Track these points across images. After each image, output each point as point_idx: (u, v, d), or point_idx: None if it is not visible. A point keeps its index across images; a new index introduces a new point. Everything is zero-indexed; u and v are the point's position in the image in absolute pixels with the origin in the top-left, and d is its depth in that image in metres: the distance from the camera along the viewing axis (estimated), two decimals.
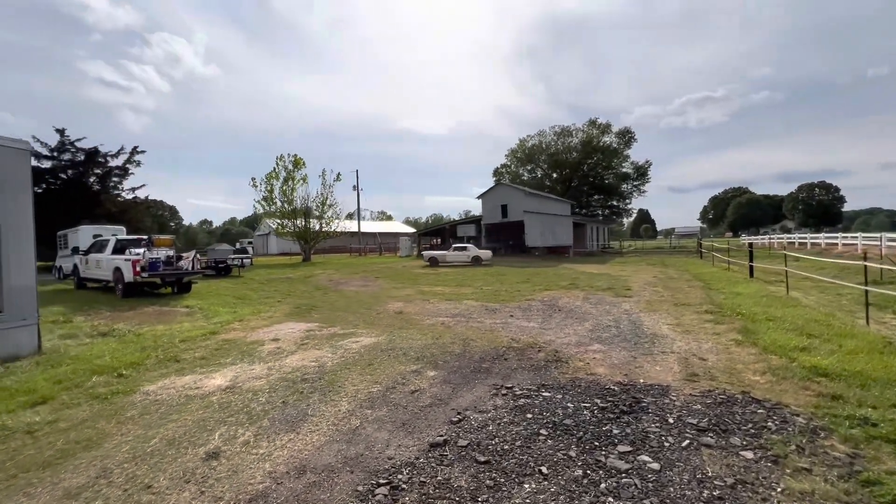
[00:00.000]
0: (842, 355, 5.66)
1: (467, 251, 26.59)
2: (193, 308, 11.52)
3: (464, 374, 5.61)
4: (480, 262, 25.96)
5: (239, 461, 3.44)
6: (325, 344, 7.36)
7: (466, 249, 26.71)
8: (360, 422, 4.15)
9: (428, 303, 11.94)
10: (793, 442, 3.47)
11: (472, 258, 26.11)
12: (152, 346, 7.21)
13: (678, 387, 4.86)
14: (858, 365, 5.21)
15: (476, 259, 26.05)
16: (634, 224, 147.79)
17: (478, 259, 26.09)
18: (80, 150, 27.82)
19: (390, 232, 61.73)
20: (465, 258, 26.16)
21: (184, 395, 4.99)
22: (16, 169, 6.31)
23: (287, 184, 34.19)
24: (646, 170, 57.50)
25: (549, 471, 3.14)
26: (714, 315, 8.91)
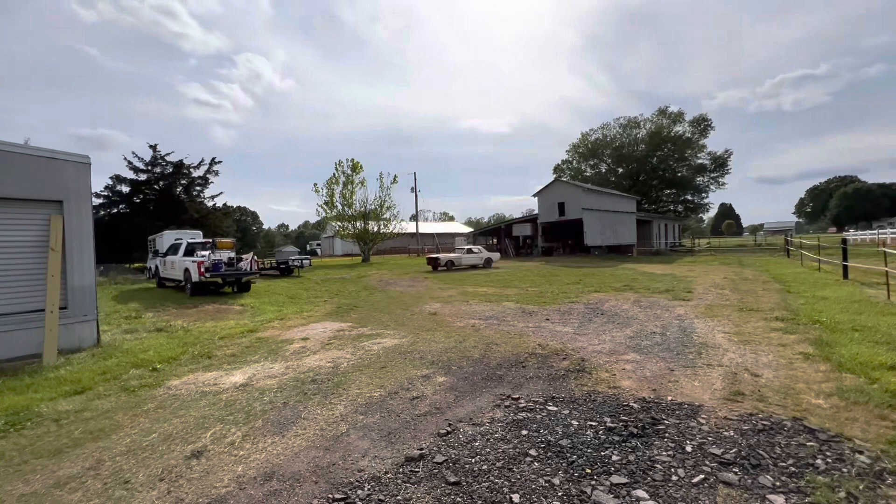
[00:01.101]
0: None
1: (478, 254, 25.83)
2: (246, 306, 12.27)
3: (474, 381, 5.30)
4: (491, 265, 25.54)
5: (217, 462, 3.46)
6: (349, 345, 7.40)
7: (473, 252, 25.92)
8: (348, 428, 4.02)
9: (466, 304, 11.68)
10: (844, 487, 2.77)
11: (485, 261, 25.40)
12: (193, 342, 7.71)
13: (713, 407, 4.16)
14: None
15: (488, 261, 25.44)
16: (715, 220, 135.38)
17: (489, 261, 25.52)
18: (169, 163, 31.22)
19: (448, 232, 62.12)
20: (478, 260, 25.38)
21: (200, 392, 5.21)
22: (78, 181, 7.05)
23: (346, 188, 35.63)
24: (725, 160, 52.17)
25: (521, 500, 2.77)
26: (786, 323, 7.70)
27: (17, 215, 6.67)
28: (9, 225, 6.62)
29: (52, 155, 6.86)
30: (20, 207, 6.71)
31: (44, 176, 6.77)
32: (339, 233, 37.38)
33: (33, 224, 6.82)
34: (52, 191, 6.88)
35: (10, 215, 6.64)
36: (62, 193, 6.98)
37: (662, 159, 53.58)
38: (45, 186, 6.83)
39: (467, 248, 26.05)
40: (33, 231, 6.83)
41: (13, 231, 6.67)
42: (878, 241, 31.16)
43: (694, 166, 53.24)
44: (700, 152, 52.76)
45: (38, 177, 6.73)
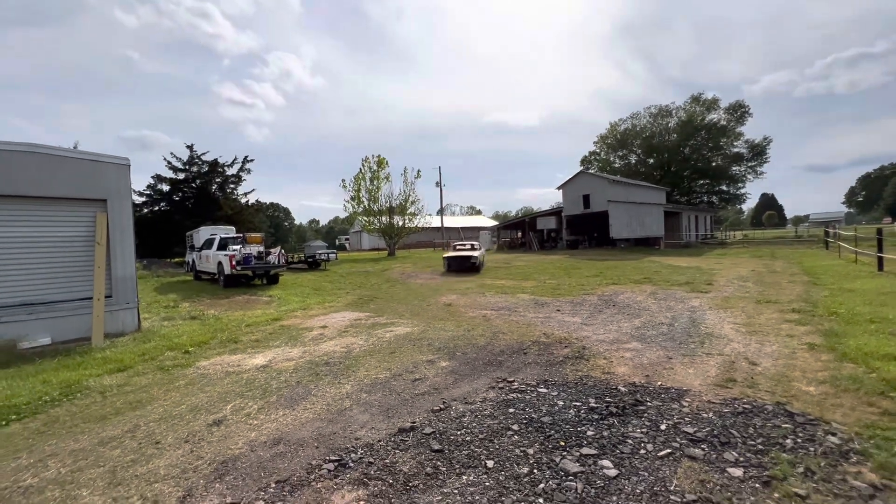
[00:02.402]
0: None
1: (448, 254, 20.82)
2: (274, 297, 12.98)
3: (475, 366, 5.59)
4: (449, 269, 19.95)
5: (234, 429, 3.91)
6: (364, 332, 7.83)
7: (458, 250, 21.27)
8: (351, 404, 4.41)
9: (482, 296, 11.93)
10: (805, 464, 2.90)
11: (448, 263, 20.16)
12: (222, 329, 8.35)
13: (700, 392, 4.29)
14: None
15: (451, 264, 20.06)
16: (755, 211, 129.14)
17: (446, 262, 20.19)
18: (205, 163, 32.82)
19: (474, 226, 62.21)
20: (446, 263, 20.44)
21: (225, 371, 5.74)
22: (119, 181, 7.76)
23: (372, 183, 36.33)
24: (763, 148, 49.65)
25: (495, 465, 3.06)
26: (801, 314, 7.57)
27: (68, 213, 7.43)
28: (61, 222, 7.39)
29: (96, 158, 7.58)
30: (70, 206, 7.47)
31: (90, 177, 7.50)
32: (365, 227, 38.23)
33: (81, 221, 7.57)
34: (97, 190, 7.62)
35: (62, 213, 7.40)
36: (106, 193, 7.70)
37: (695, 149, 51.64)
38: (91, 186, 7.56)
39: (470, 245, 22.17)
40: (81, 227, 7.58)
41: (64, 227, 7.44)
42: None
43: (729, 155, 51.02)
44: (736, 140, 50.48)
45: (84, 178, 7.47)
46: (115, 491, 2.95)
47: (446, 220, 59.32)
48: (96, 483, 3.06)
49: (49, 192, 7.19)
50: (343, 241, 78.11)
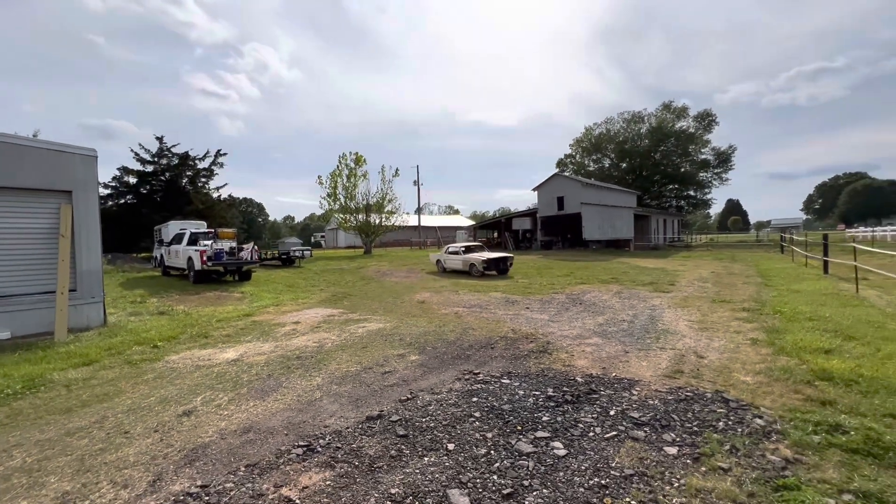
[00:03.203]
0: (871, 360, 4.98)
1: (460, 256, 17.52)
2: (246, 294, 12.85)
3: (444, 359, 5.80)
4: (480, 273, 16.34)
5: (204, 419, 3.99)
6: (336, 328, 7.93)
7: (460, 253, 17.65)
8: (322, 395, 4.54)
9: (455, 294, 12.16)
10: (731, 442, 3.23)
11: (469, 266, 16.82)
12: (192, 324, 8.28)
13: (649, 381, 4.63)
14: (882, 370, 4.58)
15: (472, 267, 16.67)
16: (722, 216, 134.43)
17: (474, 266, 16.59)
18: (175, 155, 31.81)
19: (451, 226, 62.51)
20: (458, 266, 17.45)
21: (195, 365, 5.76)
22: (85, 172, 7.60)
23: (349, 180, 36.10)
24: (728, 155, 51.92)
25: (455, 448, 3.27)
26: (750, 313, 8.11)
27: (31, 204, 7.24)
28: (23, 213, 7.19)
29: (61, 148, 7.40)
30: (33, 197, 7.27)
31: (54, 168, 7.32)
32: (341, 225, 37.94)
33: (45, 213, 7.38)
34: (61, 182, 7.44)
35: (24, 204, 7.20)
36: (71, 184, 7.53)
37: (665, 154, 53.46)
38: (56, 177, 7.38)
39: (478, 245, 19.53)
40: (45, 219, 7.39)
41: (27, 219, 7.24)
42: (868, 239, 31.23)
43: (697, 162, 53.08)
44: (703, 147, 52.57)
45: (49, 169, 7.28)
46: (84, 477, 3.02)
47: (424, 219, 59.40)
48: (64, 470, 3.12)
49: (10, 183, 6.99)
50: (319, 238, 77.09)
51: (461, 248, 18.17)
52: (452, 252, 18.13)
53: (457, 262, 17.65)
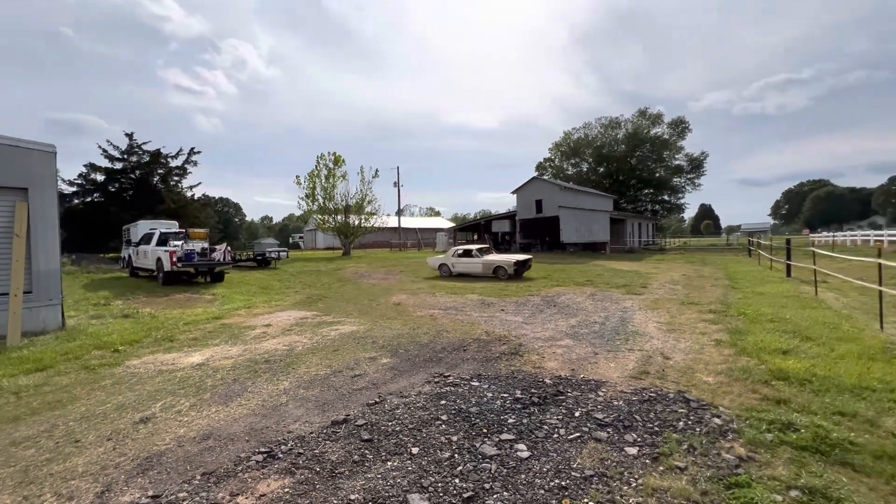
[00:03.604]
0: (824, 360, 5.20)
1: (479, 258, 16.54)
2: (217, 296, 12.52)
3: (415, 362, 5.77)
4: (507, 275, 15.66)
5: (162, 426, 3.85)
6: (308, 331, 7.80)
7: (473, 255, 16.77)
8: (288, 400, 4.45)
9: (432, 296, 12.14)
10: (689, 442, 3.31)
11: (494, 269, 15.97)
12: (158, 328, 8.01)
13: (615, 383, 4.71)
14: (835, 370, 4.78)
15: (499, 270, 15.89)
16: (695, 220, 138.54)
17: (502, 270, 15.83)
18: (146, 152, 30.82)
19: (431, 228, 62.47)
20: (476, 269, 16.46)
21: (157, 370, 5.57)
22: (43, 169, 7.27)
23: (328, 181, 35.67)
24: (701, 162, 53.56)
25: (419, 451, 3.25)
26: (716, 315, 8.36)
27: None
28: None
29: (16, 143, 7.06)
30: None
31: (8, 164, 6.97)
32: (320, 226, 37.44)
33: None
34: (16, 178, 7.09)
35: None
36: (27, 181, 7.19)
37: (641, 160, 54.73)
38: (10, 174, 7.03)
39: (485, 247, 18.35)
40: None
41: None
42: (829, 243, 32.71)
43: (671, 167, 54.52)
44: (677, 154, 54.04)
45: (2, 164, 6.93)
46: (27, 489, 2.87)
47: (404, 220, 59.18)
48: (5, 483, 2.96)
49: None
50: (297, 239, 75.93)
51: (473, 250, 17.15)
52: (464, 255, 16.98)
53: (474, 266, 16.49)
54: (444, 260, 17.45)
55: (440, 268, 17.42)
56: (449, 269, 17.08)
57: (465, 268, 16.81)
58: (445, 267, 17.22)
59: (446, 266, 17.20)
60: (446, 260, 17.34)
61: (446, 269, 17.15)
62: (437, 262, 17.69)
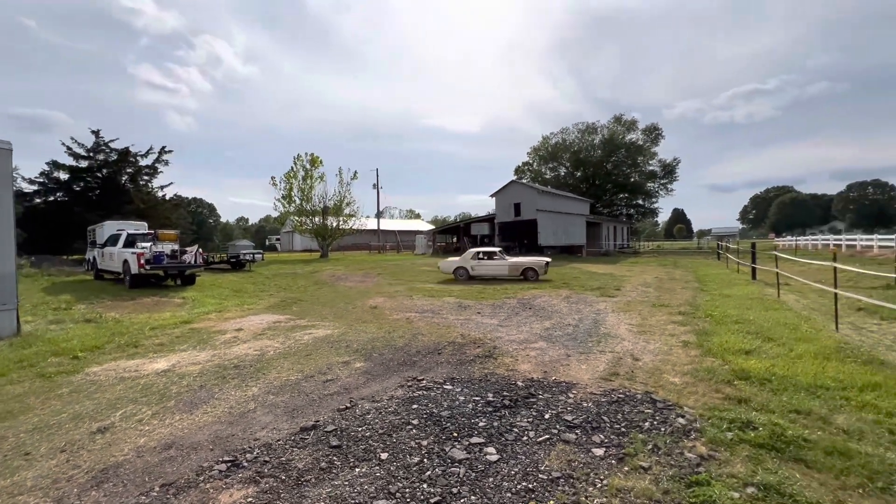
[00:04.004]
0: (784, 359, 5.41)
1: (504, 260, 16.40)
2: (187, 299, 12.15)
3: (389, 366, 5.73)
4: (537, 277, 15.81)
5: (121, 436, 3.70)
6: (281, 335, 7.64)
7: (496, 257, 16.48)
8: (256, 406, 4.35)
9: (409, 299, 12.09)
10: (654, 442, 3.39)
11: (523, 271, 15.97)
12: (122, 333, 7.71)
13: (586, 385, 4.79)
14: (793, 369, 4.97)
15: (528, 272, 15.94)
16: (668, 224, 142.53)
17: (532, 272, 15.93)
18: (114, 150, 29.67)
19: (411, 230, 62.29)
20: (501, 271, 16.18)
21: (119, 377, 5.35)
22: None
23: (305, 182, 35.16)
24: (673, 168, 55.27)
25: (389, 457, 3.22)
26: (685, 316, 8.61)
27: None
28: None
29: None
30: None
31: None
32: (297, 228, 36.85)
33: None
34: None
35: None
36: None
37: (616, 165, 56.06)
38: None
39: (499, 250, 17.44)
40: None
41: None
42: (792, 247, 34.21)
43: (645, 172, 56.05)
44: (651, 159, 55.61)
45: None
46: None
47: (383, 222, 58.81)
48: None
49: None
50: (274, 241, 74.52)
51: (496, 252, 16.80)
52: (485, 257, 16.50)
53: (498, 268, 16.18)
54: (460, 263, 16.65)
55: (456, 271, 16.53)
56: (467, 273, 16.30)
57: (488, 270, 16.28)
58: (462, 270, 16.39)
59: (463, 269, 16.39)
60: (464, 263, 16.57)
61: (463, 273, 16.34)
62: (453, 265, 16.82)
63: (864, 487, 2.73)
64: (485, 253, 16.65)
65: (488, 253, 16.62)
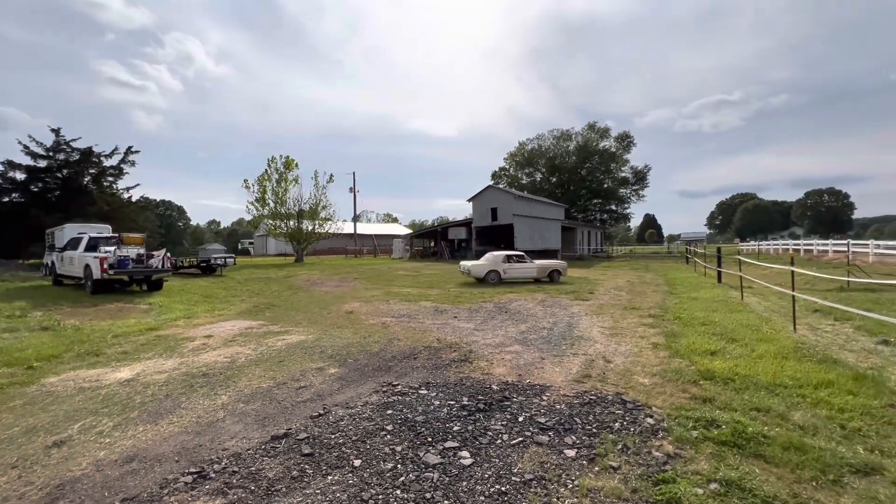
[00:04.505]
0: (746, 359, 5.64)
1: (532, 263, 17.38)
2: (154, 305, 11.71)
3: (364, 371, 5.67)
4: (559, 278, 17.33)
5: (80, 449, 3.53)
6: (253, 342, 7.46)
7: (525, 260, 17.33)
8: (225, 415, 4.23)
9: (386, 303, 12.01)
10: (623, 442, 3.48)
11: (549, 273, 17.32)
12: (82, 341, 7.37)
13: (559, 387, 4.87)
14: (754, 369, 5.19)
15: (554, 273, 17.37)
16: (640, 229, 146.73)
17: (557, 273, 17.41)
18: (75, 150, 28.36)
19: (388, 234, 61.95)
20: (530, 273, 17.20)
21: (78, 387, 5.11)
22: None
23: (279, 185, 34.54)
24: (644, 174, 57.05)
25: (362, 464, 3.19)
26: (655, 319, 8.86)
27: None
28: None
29: None
30: None
31: None
32: (270, 231, 36.11)
33: None
34: None
35: None
36: None
37: (591, 171, 57.39)
38: None
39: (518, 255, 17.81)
40: None
41: None
42: (755, 252, 35.77)
43: (618, 179, 57.61)
44: (623, 166, 57.24)
45: None
46: None
47: (360, 226, 58.27)
48: None
49: None
50: (247, 245, 72.72)
51: (523, 255, 17.56)
52: (516, 260, 17.13)
53: (528, 270, 17.16)
54: (492, 266, 16.83)
55: (488, 274, 16.76)
56: (499, 276, 16.71)
57: (519, 273, 17.03)
58: (494, 273, 16.72)
59: (495, 272, 16.73)
60: (495, 266, 16.81)
61: (495, 276, 16.70)
62: (484, 269, 16.90)
63: (817, 480, 2.87)
64: (515, 257, 17.25)
65: (517, 256, 17.23)
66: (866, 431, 3.56)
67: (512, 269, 16.94)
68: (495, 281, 16.66)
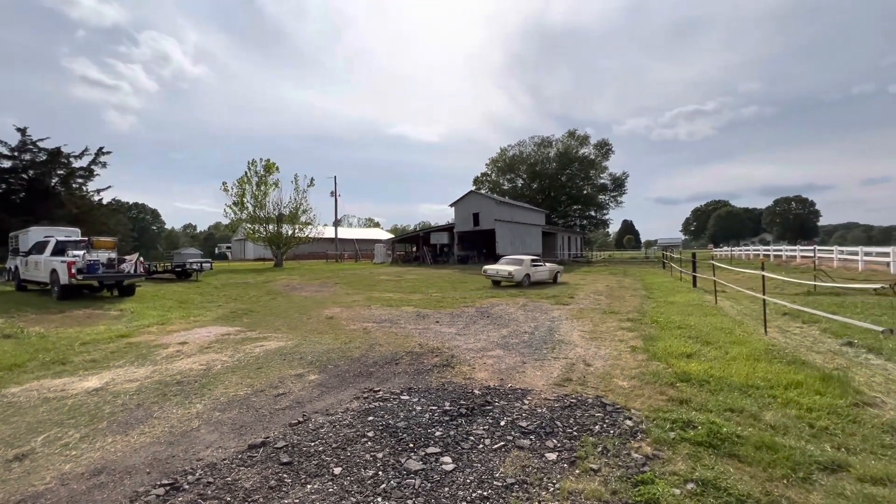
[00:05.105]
0: (720, 362, 5.79)
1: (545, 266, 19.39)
2: (125, 311, 11.30)
3: (345, 378, 5.59)
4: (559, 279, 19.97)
5: (44, 463, 3.37)
6: (230, 348, 7.27)
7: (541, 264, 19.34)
8: (200, 424, 4.10)
9: (367, 309, 11.90)
10: (603, 444, 3.52)
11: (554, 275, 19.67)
12: (47, 349, 7.05)
13: (540, 391, 4.90)
14: (728, 371, 5.33)
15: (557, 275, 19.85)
16: (618, 235, 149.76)
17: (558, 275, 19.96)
18: (42, 150, 27.31)
19: (369, 239, 61.55)
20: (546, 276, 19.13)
21: (42, 398, 4.88)
22: None
23: (259, 188, 33.94)
24: (623, 181, 58.36)
25: (342, 471, 3.14)
26: (633, 323, 9.03)
27: None
28: None
29: None
30: None
31: None
32: (249, 236, 35.39)
33: None
34: None
35: None
36: None
37: (570, 177, 58.39)
38: None
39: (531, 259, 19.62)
40: None
41: None
42: (728, 257, 36.94)
43: (597, 185, 58.75)
44: (602, 173, 58.42)
45: None
46: None
47: (342, 231, 57.76)
48: None
49: None
50: (224, 249, 71.13)
51: (539, 259, 19.69)
52: (536, 263, 18.75)
53: (545, 273, 18.96)
54: (525, 270, 17.99)
55: (525, 277, 17.84)
56: (529, 278, 17.99)
57: (540, 275, 18.71)
58: (527, 276, 17.97)
59: (528, 275, 17.97)
60: (527, 269, 18.05)
61: (527, 279, 17.92)
62: (522, 272, 17.80)
63: (787, 478, 2.96)
64: (535, 261, 19.01)
65: (534, 261, 18.91)
66: (833, 430, 3.70)
67: (536, 271, 18.46)
68: (527, 283, 17.89)
